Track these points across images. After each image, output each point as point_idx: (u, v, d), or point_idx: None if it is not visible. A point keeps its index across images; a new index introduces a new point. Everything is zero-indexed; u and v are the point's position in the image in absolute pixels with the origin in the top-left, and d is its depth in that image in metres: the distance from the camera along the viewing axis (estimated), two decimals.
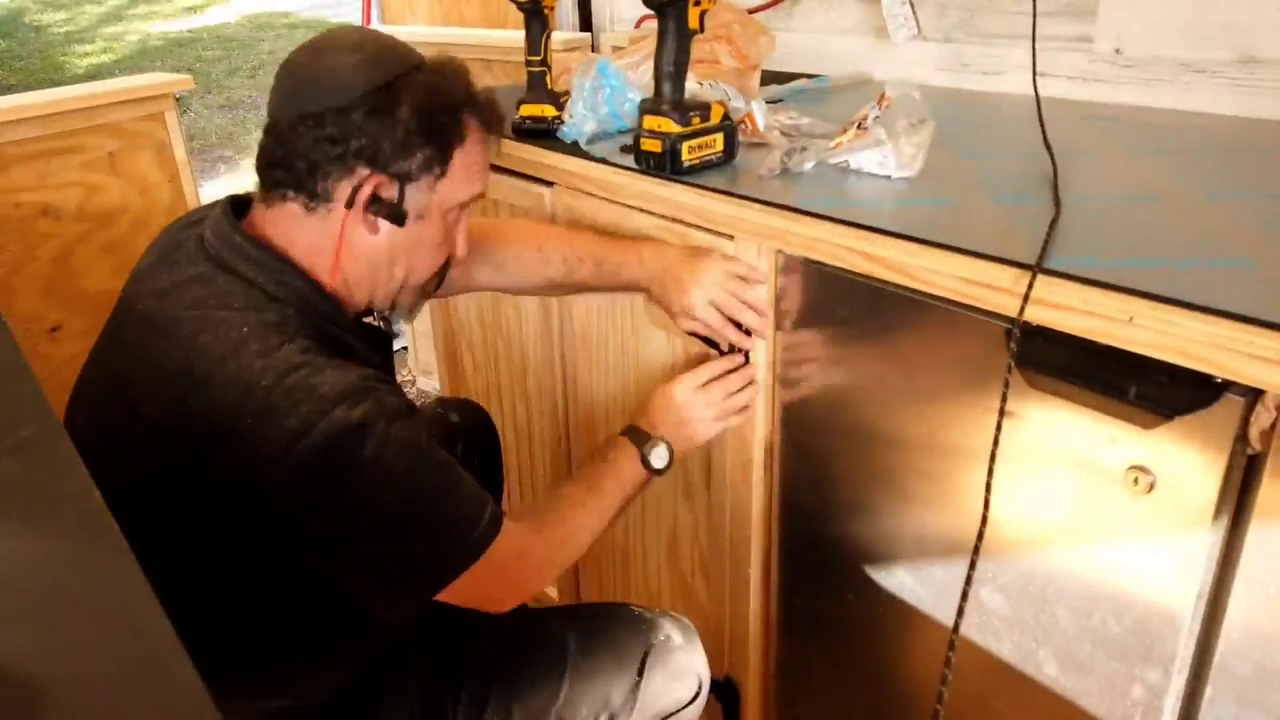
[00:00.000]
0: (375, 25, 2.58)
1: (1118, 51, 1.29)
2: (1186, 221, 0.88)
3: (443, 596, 0.87)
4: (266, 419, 0.76)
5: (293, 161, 0.85)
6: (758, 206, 0.99)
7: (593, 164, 1.19)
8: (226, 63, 7.86)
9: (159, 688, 0.39)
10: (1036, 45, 1.18)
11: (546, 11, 1.23)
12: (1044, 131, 1.07)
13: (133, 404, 0.83)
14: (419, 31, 2.31)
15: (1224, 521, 0.73)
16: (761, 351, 1.07)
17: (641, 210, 1.14)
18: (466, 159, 0.91)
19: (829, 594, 1.12)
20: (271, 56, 8.00)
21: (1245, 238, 0.82)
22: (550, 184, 1.29)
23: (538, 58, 1.25)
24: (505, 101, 1.59)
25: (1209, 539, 0.74)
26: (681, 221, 1.09)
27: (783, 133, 1.20)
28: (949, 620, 0.96)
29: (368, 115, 0.84)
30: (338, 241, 0.88)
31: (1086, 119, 1.24)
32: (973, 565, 0.74)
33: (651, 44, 1.37)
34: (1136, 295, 0.71)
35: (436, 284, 1.00)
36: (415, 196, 0.89)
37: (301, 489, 0.77)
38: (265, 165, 0.88)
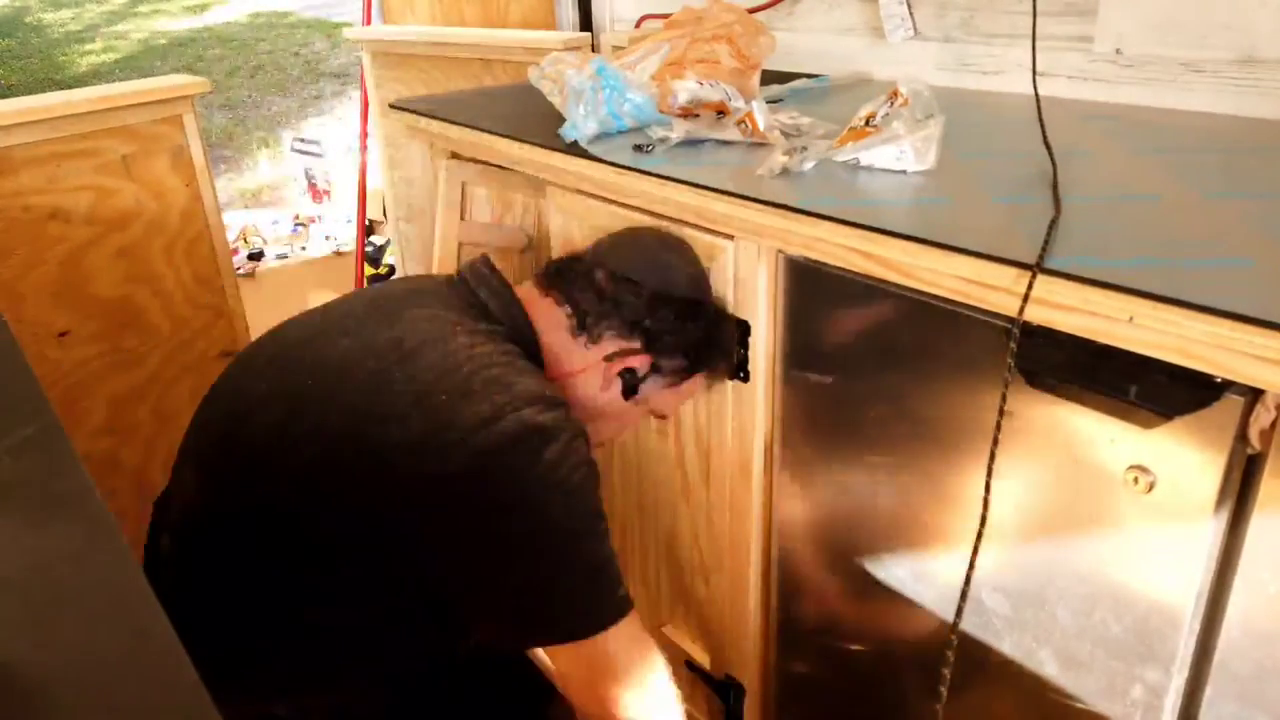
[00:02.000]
0: (375, 24, 2.58)
1: (1118, 51, 1.29)
2: (1186, 221, 0.88)
3: (558, 663, 0.86)
4: (461, 400, 0.79)
5: (595, 295, 0.97)
6: (758, 206, 0.99)
7: (593, 164, 1.19)
8: (227, 62, 7.85)
9: (159, 687, 0.39)
10: (1036, 45, 1.18)
11: None
12: (1044, 131, 1.07)
13: (319, 399, 0.84)
14: (419, 31, 2.31)
15: (1224, 521, 0.73)
16: (761, 350, 1.08)
17: (641, 210, 1.14)
18: (694, 387, 1.05)
19: (829, 593, 1.12)
20: (270, 57, 8.00)
21: (1245, 238, 0.82)
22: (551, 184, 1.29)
23: None
24: (505, 102, 1.60)
25: (1209, 538, 0.74)
26: (682, 222, 1.09)
27: (783, 132, 1.20)
28: (949, 620, 0.96)
29: (676, 313, 0.98)
30: (577, 370, 0.98)
31: (1086, 119, 1.24)
32: (972, 565, 0.74)
33: (651, 43, 1.37)
34: (1136, 295, 0.71)
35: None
36: (652, 384, 1.01)
37: (480, 471, 0.78)
38: (563, 276, 1.00)
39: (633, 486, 1.38)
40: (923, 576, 0.99)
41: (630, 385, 0.99)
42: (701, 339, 1.00)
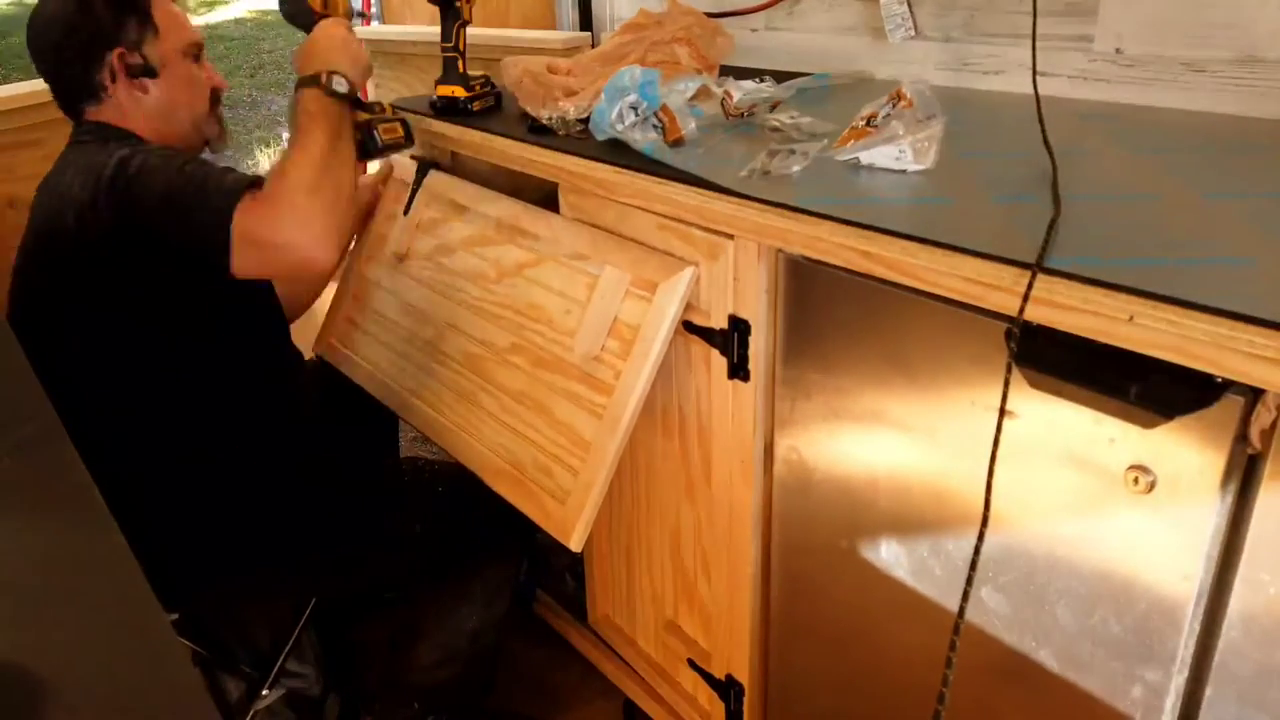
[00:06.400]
0: (375, 24, 2.58)
1: (1118, 51, 1.29)
2: (1187, 221, 0.88)
3: (256, 247, 1.12)
4: (87, 180, 1.15)
5: (69, 85, 1.25)
6: (758, 206, 0.99)
7: (593, 163, 1.19)
8: (227, 62, 7.85)
9: (158, 684, 0.39)
10: (1037, 44, 1.18)
11: (460, 5, 1.45)
12: (1044, 131, 1.06)
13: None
14: (419, 31, 2.31)
15: (1224, 521, 0.73)
16: (761, 349, 1.07)
17: (641, 209, 1.14)
18: (164, 14, 1.27)
19: (828, 593, 1.12)
20: (271, 56, 7.99)
21: (1245, 237, 0.82)
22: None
23: (450, 44, 1.47)
24: (504, 100, 1.60)
25: (1209, 538, 0.74)
26: (682, 221, 1.09)
27: (777, 128, 1.20)
28: (950, 620, 0.96)
29: (78, 15, 1.22)
30: (125, 104, 1.25)
31: (1087, 118, 1.24)
32: (973, 565, 0.74)
33: (622, 40, 1.37)
34: (1136, 294, 0.71)
35: (217, 112, 1.40)
36: (151, 53, 1.25)
37: (110, 202, 1.12)
38: (65, 101, 1.27)
39: (641, 484, 1.38)
40: (923, 576, 0.99)
41: (145, 68, 1.25)
42: (103, 7, 1.23)
